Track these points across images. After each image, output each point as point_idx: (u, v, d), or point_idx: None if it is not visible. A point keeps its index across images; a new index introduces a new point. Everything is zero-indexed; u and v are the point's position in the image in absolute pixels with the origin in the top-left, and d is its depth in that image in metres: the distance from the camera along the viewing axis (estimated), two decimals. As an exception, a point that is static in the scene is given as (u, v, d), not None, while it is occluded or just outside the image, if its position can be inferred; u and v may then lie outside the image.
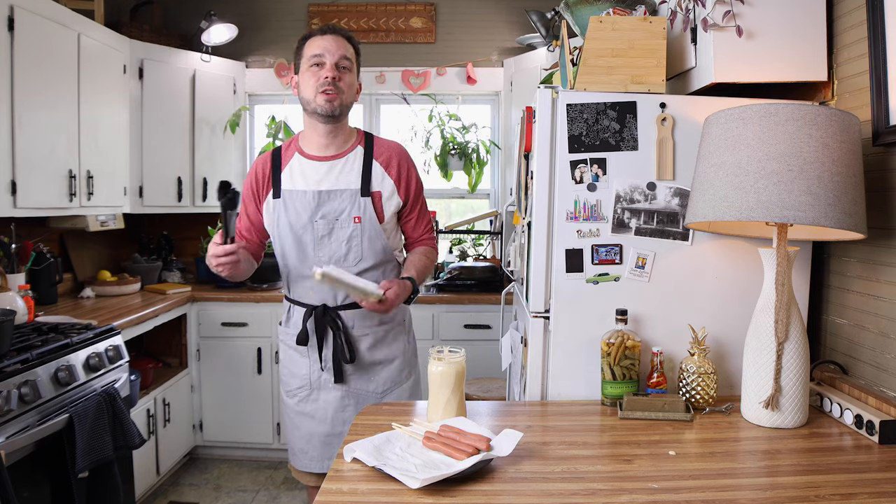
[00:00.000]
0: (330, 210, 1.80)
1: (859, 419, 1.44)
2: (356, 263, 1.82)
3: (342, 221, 1.80)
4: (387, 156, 1.87)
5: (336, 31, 1.81)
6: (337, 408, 1.86)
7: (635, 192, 1.71)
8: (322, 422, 1.86)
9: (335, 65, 1.77)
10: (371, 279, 1.79)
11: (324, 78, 1.75)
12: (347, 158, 1.85)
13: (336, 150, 1.85)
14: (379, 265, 1.86)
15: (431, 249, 1.99)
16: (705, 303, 1.72)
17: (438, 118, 3.76)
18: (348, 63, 1.79)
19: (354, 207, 1.80)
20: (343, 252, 1.81)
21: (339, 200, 1.80)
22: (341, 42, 1.79)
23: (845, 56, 1.65)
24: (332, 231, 1.81)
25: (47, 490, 1.97)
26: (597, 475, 1.24)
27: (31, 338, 2.15)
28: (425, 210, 1.98)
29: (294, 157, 1.87)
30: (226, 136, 3.75)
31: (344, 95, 1.79)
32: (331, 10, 3.88)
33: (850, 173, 1.38)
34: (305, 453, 1.90)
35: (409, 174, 1.89)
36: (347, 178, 1.82)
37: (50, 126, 2.66)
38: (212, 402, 3.41)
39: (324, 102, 1.76)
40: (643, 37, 1.71)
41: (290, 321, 1.92)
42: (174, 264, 3.78)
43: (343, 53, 1.78)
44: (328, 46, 1.77)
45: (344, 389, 1.86)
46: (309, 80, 1.78)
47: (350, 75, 1.81)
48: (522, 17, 3.79)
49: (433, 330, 3.34)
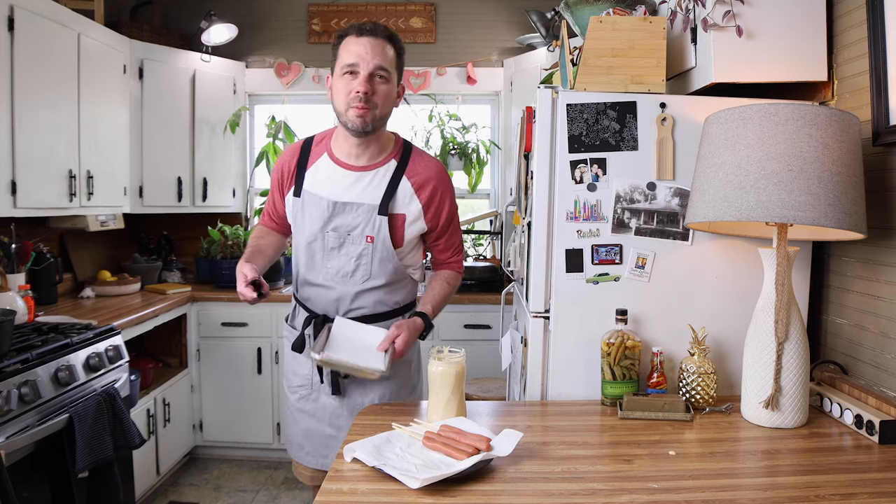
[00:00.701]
0: (342, 223, 1.70)
1: (859, 419, 1.44)
2: (363, 281, 1.73)
3: (354, 237, 1.70)
4: (423, 177, 1.72)
5: (375, 32, 1.62)
6: (332, 413, 1.81)
7: (635, 192, 1.71)
8: (320, 421, 1.84)
9: (369, 76, 1.60)
10: (378, 298, 1.75)
11: (355, 92, 1.59)
12: (377, 172, 1.71)
13: (367, 161, 1.72)
14: (388, 285, 1.75)
15: (456, 274, 1.87)
16: (705, 303, 1.72)
17: (438, 118, 3.76)
18: (385, 73, 1.62)
19: (369, 226, 1.68)
20: (351, 269, 1.72)
21: (354, 215, 1.69)
22: (379, 47, 1.61)
23: (845, 56, 1.65)
24: (343, 245, 1.71)
25: (47, 490, 1.97)
26: (597, 475, 1.24)
27: (31, 338, 2.15)
28: (455, 233, 1.84)
29: (323, 157, 1.76)
30: (226, 136, 3.75)
31: (378, 110, 1.63)
32: (331, 10, 3.88)
33: (850, 173, 1.38)
34: (302, 448, 1.87)
35: (442, 201, 1.75)
36: (371, 194, 1.70)
37: (50, 126, 2.66)
38: (212, 402, 3.41)
39: (355, 118, 1.61)
40: (643, 37, 1.71)
41: (295, 321, 1.88)
42: (174, 264, 3.78)
43: (379, 63, 1.60)
44: (363, 53, 1.59)
45: (339, 400, 1.80)
46: (341, 90, 1.63)
47: (387, 86, 1.63)
48: (522, 17, 3.79)
49: (433, 330, 3.33)
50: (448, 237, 1.83)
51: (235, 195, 3.91)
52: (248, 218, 4.03)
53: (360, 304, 1.76)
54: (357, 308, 1.76)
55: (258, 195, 4.05)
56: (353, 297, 1.75)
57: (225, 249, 3.62)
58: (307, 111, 4.02)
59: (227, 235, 3.67)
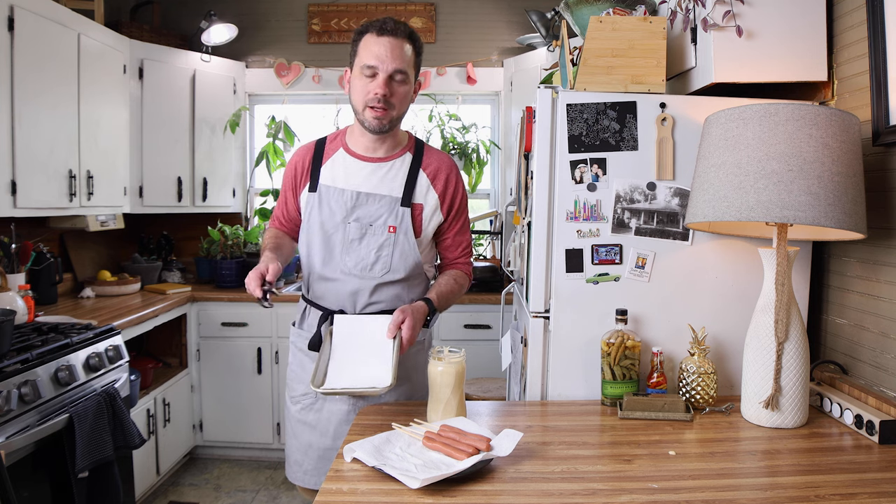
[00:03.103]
0: (365, 214, 1.70)
1: (859, 419, 1.44)
2: (382, 275, 1.71)
3: (376, 228, 1.70)
4: (435, 167, 1.74)
5: (395, 32, 1.62)
6: (341, 421, 1.74)
7: (635, 192, 1.71)
8: (323, 434, 1.76)
9: (389, 78, 1.61)
10: (395, 293, 1.72)
11: (373, 94, 1.61)
12: (394, 163, 1.73)
13: (384, 153, 1.74)
14: (405, 280, 1.74)
15: (464, 275, 1.83)
16: (705, 303, 1.72)
17: (438, 118, 3.76)
18: (403, 76, 1.63)
19: (392, 216, 1.69)
20: (371, 260, 1.70)
21: (378, 206, 1.70)
22: (398, 48, 1.61)
23: (845, 56, 1.65)
24: (364, 236, 1.70)
25: (47, 490, 1.97)
26: (597, 475, 1.24)
27: (31, 338, 2.15)
28: (465, 231, 1.83)
29: (338, 152, 1.76)
30: (226, 136, 3.75)
31: (395, 111, 1.65)
32: (331, 10, 3.88)
33: (850, 173, 1.38)
34: (300, 465, 1.80)
35: (456, 190, 1.77)
36: (391, 185, 1.71)
37: (50, 126, 2.66)
38: (212, 402, 3.41)
39: (372, 119, 1.63)
40: (643, 37, 1.71)
41: (305, 323, 1.83)
42: (174, 264, 3.78)
43: (398, 66, 1.61)
44: (383, 55, 1.60)
45: (352, 403, 1.74)
46: (359, 89, 1.64)
47: (405, 87, 1.65)
48: (522, 17, 3.79)
49: (433, 330, 3.33)
50: (457, 232, 1.81)
51: (235, 195, 3.91)
52: (248, 218, 4.03)
53: (378, 298, 1.72)
54: (375, 303, 1.72)
55: (258, 195, 4.04)
56: (371, 291, 1.71)
57: (225, 249, 3.62)
58: (307, 111, 4.02)
59: (227, 235, 3.67)
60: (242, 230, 3.78)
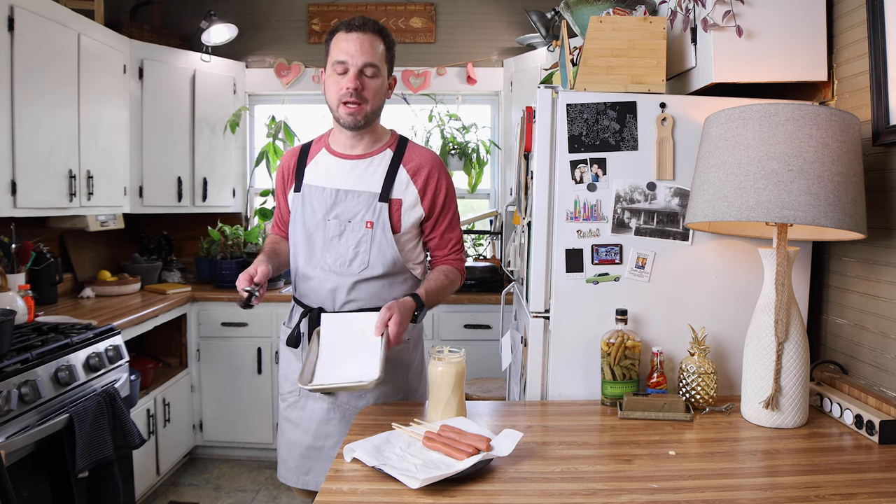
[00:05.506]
0: (344, 210, 1.72)
1: (859, 419, 1.44)
2: (360, 271, 1.71)
3: (354, 224, 1.71)
4: (416, 163, 1.74)
5: (363, 27, 1.65)
6: (321, 420, 1.75)
7: (635, 192, 1.71)
8: (305, 432, 1.77)
9: (359, 72, 1.64)
10: (376, 290, 1.73)
11: (345, 89, 1.64)
12: (373, 160, 1.75)
13: (363, 150, 1.76)
14: (385, 276, 1.73)
15: (454, 270, 1.82)
16: (705, 303, 1.72)
17: (438, 118, 3.76)
18: (374, 70, 1.65)
19: (369, 211, 1.70)
20: (350, 256, 1.72)
21: (356, 202, 1.71)
22: (367, 42, 1.64)
23: (845, 56, 1.65)
24: (343, 233, 1.72)
25: (47, 490, 1.97)
26: (597, 475, 1.24)
27: (31, 338, 2.15)
28: (453, 228, 1.82)
29: (321, 152, 1.80)
30: (226, 136, 3.75)
31: (368, 105, 1.67)
32: (331, 10, 3.88)
33: (850, 173, 1.38)
34: (285, 462, 1.81)
35: (438, 186, 1.75)
36: (370, 181, 1.73)
37: (50, 126, 2.66)
38: (212, 402, 3.41)
39: (346, 115, 1.66)
40: (643, 37, 1.71)
41: (292, 321, 1.86)
42: (174, 264, 3.78)
43: (367, 60, 1.63)
44: (352, 50, 1.63)
45: (330, 402, 1.74)
46: (332, 87, 1.68)
47: (376, 81, 1.67)
48: (522, 17, 3.79)
49: (433, 330, 3.34)
50: (445, 228, 1.80)
51: (235, 195, 3.91)
52: (248, 218, 4.03)
53: (356, 296, 1.72)
54: (353, 300, 1.73)
55: (258, 195, 4.04)
56: (349, 288, 1.72)
57: (225, 249, 3.62)
58: (307, 111, 4.02)
59: (227, 235, 3.67)
60: (242, 230, 3.78)
